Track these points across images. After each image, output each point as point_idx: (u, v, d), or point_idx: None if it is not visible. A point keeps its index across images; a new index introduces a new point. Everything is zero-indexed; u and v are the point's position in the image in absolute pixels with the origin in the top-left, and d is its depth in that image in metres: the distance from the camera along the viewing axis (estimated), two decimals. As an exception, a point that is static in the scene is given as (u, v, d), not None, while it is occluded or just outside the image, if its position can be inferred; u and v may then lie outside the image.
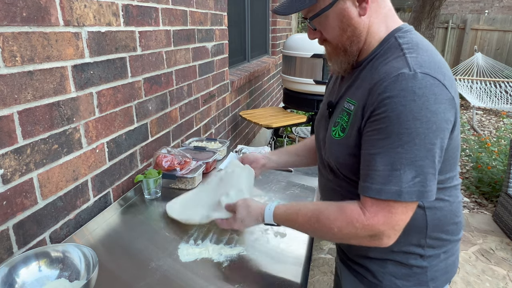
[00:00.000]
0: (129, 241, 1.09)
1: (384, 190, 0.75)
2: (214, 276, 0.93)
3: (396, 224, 0.77)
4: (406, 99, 0.72)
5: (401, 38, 0.83)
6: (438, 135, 0.74)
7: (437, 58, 0.80)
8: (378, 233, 0.78)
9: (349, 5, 0.82)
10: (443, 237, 0.91)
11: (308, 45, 2.65)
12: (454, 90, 0.77)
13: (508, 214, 2.85)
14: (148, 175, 1.33)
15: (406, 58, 0.77)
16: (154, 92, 1.58)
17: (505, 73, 6.85)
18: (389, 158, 0.75)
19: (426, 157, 0.74)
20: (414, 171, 0.74)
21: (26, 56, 0.93)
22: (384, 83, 0.76)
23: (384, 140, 0.75)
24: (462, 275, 2.38)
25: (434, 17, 5.04)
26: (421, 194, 0.75)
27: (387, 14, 0.86)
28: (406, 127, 0.73)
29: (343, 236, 0.83)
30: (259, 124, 2.68)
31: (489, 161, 3.71)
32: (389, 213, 0.77)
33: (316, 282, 2.26)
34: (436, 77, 0.74)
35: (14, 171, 0.93)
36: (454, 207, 0.91)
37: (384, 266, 0.93)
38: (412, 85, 0.73)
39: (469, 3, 10.41)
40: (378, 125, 0.76)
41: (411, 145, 0.73)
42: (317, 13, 0.84)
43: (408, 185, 0.74)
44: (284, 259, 1.00)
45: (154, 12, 1.53)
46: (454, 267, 0.97)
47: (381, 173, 0.76)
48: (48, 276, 0.86)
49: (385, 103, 0.75)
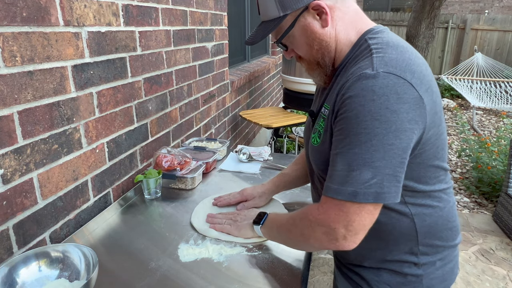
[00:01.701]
0: (129, 241, 1.09)
1: (341, 190, 0.74)
2: (214, 276, 0.93)
3: (348, 224, 0.76)
4: (365, 99, 0.71)
5: (371, 39, 0.82)
6: (398, 135, 0.71)
7: (407, 55, 0.77)
8: (330, 230, 0.78)
9: (310, 20, 0.83)
10: (437, 243, 0.89)
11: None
12: (424, 89, 0.74)
13: (508, 214, 2.85)
14: (148, 175, 1.33)
15: (372, 58, 0.76)
16: (154, 92, 1.58)
17: (505, 73, 6.85)
18: (347, 159, 0.74)
19: (383, 158, 0.71)
20: (370, 172, 0.72)
21: (26, 56, 0.93)
22: (347, 84, 0.76)
23: (344, 140, 0.75)
24: (462, 275, 2.38)
25: (434, 17, 5.04)
26: (378, 196, 0.73)
27: (354, 19, 0.86)
28: (364, 127, 0.71)
29: (305, 237, 0.85)
30: (259, 124, 2.68)
31: (489, 161, 3.71)
32: (341, 211, 0.76)
33: (316, 282, 2.26)
34: (401, 75, 0.72)
35: (14, 171, 0.93)
36: (446, 212, 0.89)
37: (378, 275, 0.91)
38: (372, 84, 0.71)
39: (469, 3, 10.41)
40: (340, 126, 0.76)
41: (368, 145, 0.71)
42: (282, 35, 0.86)
43: (364, 186, 0.72)
44: (284, 259, 1.00)
45: (154, 12, 1.54)
46: (453, 274, 0.94)
47: (340, 173, 0.75)
48: (48, 276, 0.86)
49: (346, 103, 0.74)
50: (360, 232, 0.77)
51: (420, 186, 0.83)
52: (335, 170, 0.76)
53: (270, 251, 1.04)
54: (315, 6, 0.81)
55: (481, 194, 3.58)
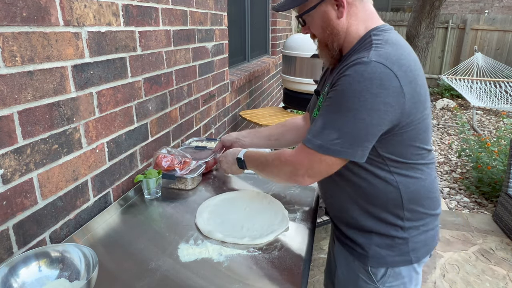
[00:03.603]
0: (129, 241, 1.09)
1: (312, 141, 0.93)
2: (214, 276, 0.93)
3: (309, 167, 0.96)
4: (354, 79, 0.87)
5: (375, 35, 0.95)
6: (370, 114, 0.86)
7: (400, 52, 0.91)
8: (294, 169, 0.99)
9: (330, 8, 0.97)
10: (420, 210, 1.02)
11: (308, 45, 2.65)
12: (408, 81, 0.88)
13: (508, 214, 2.85)
14: (148, 175, 1.33)
15: (370, 51, 0.90)
16: (154, 92, 1.58)
17: (505, 73, 6.85)
18: (325, 119, 0.92)
19: (351, 127, 0.88)
20: (337, 134, 0.89)
21: (26, 56, 0.93)
22: (346, 67, 0.91)
23: (328, 107, 0.92)
24: (462, 275, 2.38)
25: (434, 17, 5.03)
26: (337, 152, 0.91)
27: (367, 17, 0.99)
28: (345, 100, 0.88)
29: (274, 172, 1.07)
30: (259, 124, 2.68)
31: (489, 161, 3.71)
32: (305, 157, 0.95)
33: (316, 282, 2.26)
34: (388, 66, 0.86)
35: (14, 171, 0.93)
36: (428, 183, 1.03)
37: (370, 238, 1.04)
38: (363, 69, 0.86)
39: (469, 3, 10.41)
40: (330, 95, 0.93)
41: (343, 115, 0.88)
42: (304, 12, 1.01)
43: (329, 143, 0.90)
44: (284, 259, 1.00)
45: (154, 12, 1.53)
46: (434, 241, 1.08)
47: (316, 129, 0.93)
48: (48, 276, 0.86)
49: (340, 79, 0.90)
50: (316, 176, 0.98)
51: (402, 160, 0.97)
52: (314, 126, 0.94)
53: (270, 251, 1.04)
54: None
55: (481, 194, 3.58)
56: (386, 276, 1.04)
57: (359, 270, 1.07)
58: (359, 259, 1.07)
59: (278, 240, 1.09)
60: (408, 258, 1.03)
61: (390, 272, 1.04)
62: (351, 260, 1.10)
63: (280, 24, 4.98)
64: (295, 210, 1.26)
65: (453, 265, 2.49)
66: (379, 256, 1.03)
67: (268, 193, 1.37)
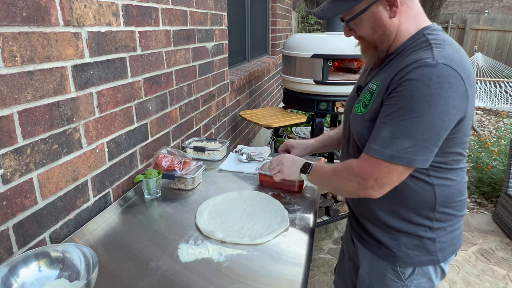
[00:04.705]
0: (129, 241, 1.09)
1: (381, 151, 0.90)
2: (214, 276, 0.93)
3: (379, 179, 0.93)
4: (422, 83, 0.84)
5: (429, 35, 0.93)
6: (441, 117, 0.85)
7: (461, 54, 0.90)
8: (363, 181, 0.95)
9: (381, 9, 0.94)
10: (449, 212, 1.02)
11: (308, 45, 2.65)
12: (469, 83, 0.87)
13: (508, 214, 2.85)
14: (148, 175, 1.33)
15: (433, 51, 0.88)
16: (154, 92, 1.58)
17: (505, 73, 6.85)
18: (393, 128, 0.88)
19: (424, 132, 0.86)
20: (410, 142, 0.87)
21: (26, 56, 0.93)
22: (409, 68, 0.88)
23: (394, 113, 0.88)
24: (462, 275, 2.38)
25: (434, 17, 5.03)
26: (410, 161, 0.89)
27: (416, 14, 0.97)
28: (415, 106, 0.85)
29: (342, 184, 1.02)
30: (259, 124, 2.67)
31: (489, 161, 3.71)
32: (374, 168, 0.92)
33: (316, 282, 2.26)
34: (456, 69, 0.84)
35: (14, 171, 0.93)
36: (461, 186, 1.03)
37: (397, 239, 1.05)
38: (431, 72, 0.84)
39: (469, 3, 10.41)
40: (394, 101, 0.89)
41: (414, 121, 0.86)
42: (353, 17, 0.97)
43: (401, 152, 0.88)
44: (284, 259, 1.00)
45: (154, 12, 1.53)
46: (459, 240, 1.08)
47: (383, 138, 0.90)
48: (48, 276, 0.86)
49: (404, 84, 0.87)
50: (387, 186, 0.94)
51: (443, 165, 0.97)
52: (379, 135, 0.91)
53: (270, 251, 1.04)
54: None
55: (481, 194, 3.58)
56: (414, 274, 1.06)
57: (386, 269, 1.09)
58: (385, 259, 1.08)
59: (278, 240, 1.09)
60: (435, 258, 1.04)
61: (418, 271, 1.06)
62: (376, 260, 1.11)
63: (280, 24, 4.97)
64: (295, 210, 1.26)
65: (453, 265, 2.49)
66: (407, 256, 1.05)
67: (268, 193, 1.37)
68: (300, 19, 7.94)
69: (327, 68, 2.56)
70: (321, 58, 2.55)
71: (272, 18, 4.72)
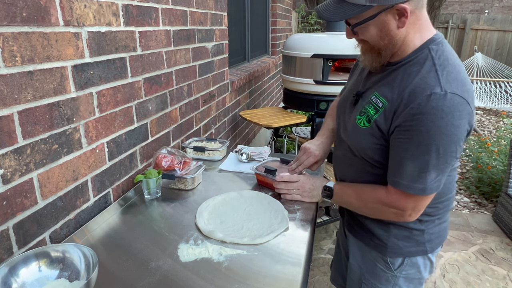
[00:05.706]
0: (129, 241, 1.09)
1: (412, 186, 0.96)
2: (214, 276, 0.93)
3: (415, 207, 1.00)
4: (436, 117, 0.88)
5: (433, 50, 0.95)
6: (458, 143, 0.92)
7: (462, 74, 0.94)
8: (400, 211, 1.01)
9: (390, 18, 0.92)
10: (439, 206, 1.09)
11: (308, 45, 2.65)
12: (472, 102, 0.93)
13: (508, 214, 2.85)
14: (148, 175, 1.33)
15: (439, 77, 0.90)
16: (154, 92, 1.58)
17: (505, 73, 6.85)
18: (418, 163, 0.93)
19: (446, 161, 0.93)
20: (436, 173, 0.93)
21: (26, 56, 0.93)
22: (418, 99, 0.90)
23: (415, 149, 0.92)
24: (462, 275, 2.38)
25: (434, 17, 5.03)
26: (438, 187, 0.97)
27: (422, 25, 0.97)
28: (434, 139, 0.90)
29: (375, 213, 1.08)
30: (259, 124, 2.67)
31: (489, 161, 3.71)
32: (409, 200, 0.98)
33: (316, 282, 2.26)
34: (462, 96, 0.89)
35: (14, 171, 0.93)
36: (452, 184, 1.10)
37: (388, 230, 1.10)
38: (442, 104, 0.88)
39: (469, 3, 10.40)
40: (410, 136, 0.92)
41: (436, 154, 0.91)
42: (360, 22, 0.95)
43: (430, 184, 0.94)
44: (284, 259, 1.00)
45: (154, 12, 1.53)
46: (445, 232, 1.16)
47: (410, 173, 0.95)
48: (48, 276, 0.86)
49: (417, 117, 0.90)
50: (421, 211, 1.02)
51: None
52: (405, 170, 0.95)
53: (270, 251, 1.04)
54: (400, 8, 0.90)
55: (481, 194, 3.58)
56: (403, 265, 1.12)
57: (376, 259, 1.15)
58: (376, 250, 1.14)
59: (278, 240, 1.09)
60: (423, 249, 1.11)
61: (407, 261, 1.12)
62: (367, 250, 1.16)
63: (280, 24, 4.97)
64: (295, 210, 1.26)
65: (453, 265, 2.49)
66: (397, 247, 1.10)
67: (268, 193, 1.37)
68: (300, 19, 7.94)
69: (327, 68, 2.56)
70: (321, 58, 2.55)
71: (272, 18, 4.72)
